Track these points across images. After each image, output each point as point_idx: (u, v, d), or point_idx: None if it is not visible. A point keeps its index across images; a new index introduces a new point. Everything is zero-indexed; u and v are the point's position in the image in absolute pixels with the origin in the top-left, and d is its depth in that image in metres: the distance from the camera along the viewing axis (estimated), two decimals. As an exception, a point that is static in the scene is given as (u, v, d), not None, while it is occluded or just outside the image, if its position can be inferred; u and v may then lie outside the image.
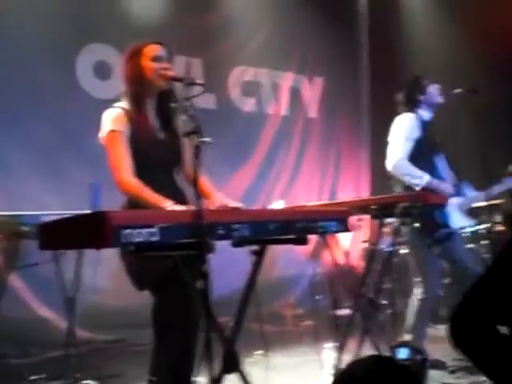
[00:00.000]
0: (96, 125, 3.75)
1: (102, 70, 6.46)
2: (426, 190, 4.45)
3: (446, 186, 4.59)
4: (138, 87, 3.18)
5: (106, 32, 6.43)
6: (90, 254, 4.92)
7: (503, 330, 1.77)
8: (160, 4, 6.77)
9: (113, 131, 3.12)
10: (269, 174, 7.71)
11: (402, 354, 3.67)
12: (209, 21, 7.29)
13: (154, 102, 3.25)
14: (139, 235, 2.33)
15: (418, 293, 4.61)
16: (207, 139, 2.71)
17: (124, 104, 3.20)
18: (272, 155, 7.76)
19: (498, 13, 7.55)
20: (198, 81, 3.01)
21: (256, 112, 7.78)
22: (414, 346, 4.04)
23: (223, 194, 3.35)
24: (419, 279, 4.61)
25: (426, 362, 3.95)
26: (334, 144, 8.50)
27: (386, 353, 3.78)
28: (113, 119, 3.14)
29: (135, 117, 3.16)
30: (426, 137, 4.69)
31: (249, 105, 7.73)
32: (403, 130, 4.61)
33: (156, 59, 3.18)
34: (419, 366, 3.71)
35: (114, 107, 3.20)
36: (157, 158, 3.18)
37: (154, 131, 3.22)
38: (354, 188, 8.65)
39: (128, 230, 2.29)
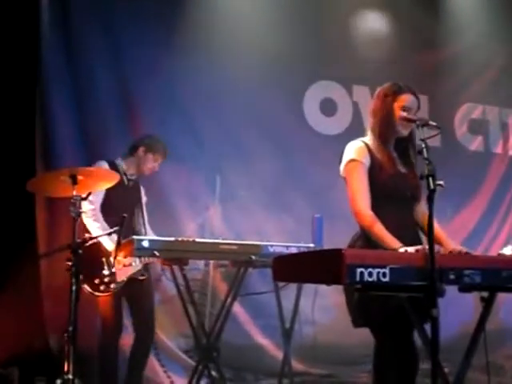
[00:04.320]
0: (320, 159, 3.87)
1: (328, 107, 6.63)
2: None
3: None
4: (386, 127, 3.21)
5: (335, 69, 6.59)
6: (308, 287, 5.04)
7: None
8: (385, 40, 6.81)
9: (353, 160, 3.17)
10: (494, 216, 7.38)
11: None
12: (436, 57, 7.22)
13: (393, 142, 3.28)
14: (370, 275, 2.34)
15: None
16: (441, 182, 2.67)
17: (367, 139, 3.25)
18: (498, 197, 7.43)
19: None
20: (432, 122, 3.00)
21: (483, 151, 7.54)
22: None
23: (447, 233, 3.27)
24: None
25: None
26: None
27: None
28: (355, 150, 3.19)
29: (377, 152, 3.19)
30: None
31: (475, 143, 7.51)
32: None
33: (407, 109, 3.19)
34: None
35: (357, 140, 3.26)
36: (396, 190, 3.17)
37: (396, 165, 3.22)
38: None
39: (361, 269, 2.31)
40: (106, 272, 4.19)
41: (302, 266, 2.49)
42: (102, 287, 4.19)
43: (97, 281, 4.17)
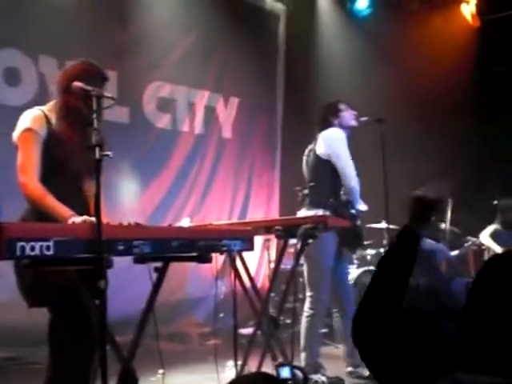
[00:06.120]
0: (3, 131, 3.67)
1: (12, 77, 6.27)
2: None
3: None
4: (64, 98, 3.18)
5: (19, 38, 6.24)
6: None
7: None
8: (76, 14, 6.63)
9: (29, 130, 3.09)
10: (179, 191, 7.61)
11: (285, 372, 3.73)
12: (126, 34, 7.17)
13: (77, 114, 3.20)
14: (33, 249, 2.26)
15: (306, 309, 4.72)
16: (109, 153, 2.69)
17: (47, 108, 3.17)
18: (184, 173, 7.68)
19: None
20: (107, 94, 3.01)
21: (170, 129, 7.71)
22: (297, 365, 4.09)
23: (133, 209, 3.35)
24: (308, 295, 4.74)
25: (307, 381, 4.05)
26: (247, 164, 8.54)
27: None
28: (31, 118, 3.12)
29: (56, 122, 3.14)
30: None
31: (163, 121, 7.63)
32: (345, 146, 4.80)
33: (84, 80, 3.12)
34: (301, 384, 3.79)
35: (36, 108, 3.18)
36: (70, 162, 3.13)
37: (74, 137, 3.16)
38: (264, 208, 8.70)
39: (22, 243, 2.21)
40: None
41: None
42: None
43: None
